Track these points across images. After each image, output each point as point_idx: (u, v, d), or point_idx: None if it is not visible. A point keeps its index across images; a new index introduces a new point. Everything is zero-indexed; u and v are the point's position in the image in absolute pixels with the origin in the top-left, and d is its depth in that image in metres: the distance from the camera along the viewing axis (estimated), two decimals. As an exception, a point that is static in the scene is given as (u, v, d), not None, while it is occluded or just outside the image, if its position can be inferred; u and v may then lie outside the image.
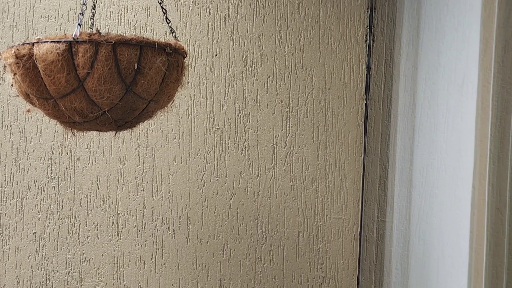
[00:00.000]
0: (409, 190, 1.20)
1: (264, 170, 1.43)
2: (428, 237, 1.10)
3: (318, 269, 1.43)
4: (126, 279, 1.46)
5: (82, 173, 1.47)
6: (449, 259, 0.96)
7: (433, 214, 1.08)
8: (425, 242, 1.11)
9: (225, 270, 1.45)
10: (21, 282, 1.48)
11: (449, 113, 1.02)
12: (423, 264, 1.09)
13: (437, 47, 1.11)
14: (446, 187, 1.01)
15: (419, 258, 1.13)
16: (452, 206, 0.97)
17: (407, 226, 1.21)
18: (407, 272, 1.18)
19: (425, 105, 1.15)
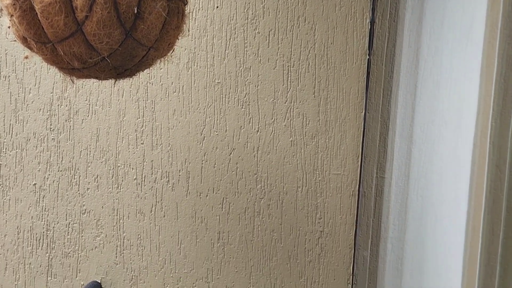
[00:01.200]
0: (409, 146, 1.20)
1: (264, 125, 1.43)
2: (426, 194, 1.11)
3: (316, 224, 1.44)
4: (126, 230, 1.48)
5: (82, 125, 1.47)
6: (446, 216, 0.96)
7: (432, 171, 1.08)
8: (423, 199, 1.12)
9: (224, 223, 1.46)
10: (22, 232, 1.49)
11: (453, 70, 1.01)
12: (421, 220, 1.10)
13: (443, 1, 1.08)
14: (446, 144, 1.01)
15: (417, 214, 1.14)
16: (451, 163, 0.97)
17: (406, 182, 1.22)
18: (404, 227, 1.19)
19: (428, 61, 1.14)
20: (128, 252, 1.48)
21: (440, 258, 0.94)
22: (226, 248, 1.47)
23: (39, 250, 1.49)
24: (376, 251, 1.28)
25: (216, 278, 1.47)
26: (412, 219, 1.16)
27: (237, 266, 1.47)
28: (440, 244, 0.96)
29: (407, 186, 1.21)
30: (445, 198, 0.98)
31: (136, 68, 0.71)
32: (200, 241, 1.47)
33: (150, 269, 1.48)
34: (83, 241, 1.49)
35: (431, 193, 1.08)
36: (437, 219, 1.02)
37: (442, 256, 0.93)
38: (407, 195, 1.19)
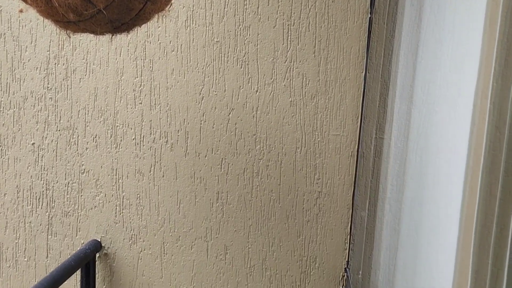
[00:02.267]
0: (409, 107, 1.19)
1: (263, 85, 1.42)
2: (425, 155, 1.10)
3: (314, 184, 1.45)
4: (125, 190, 1.49)
5: (79, 84, 1.45)
6: (444, 176, 0.96)
7: (432, 132, 1.08)
8: (422, 160, 1.12)
9: (222, 183, 1.46)
10: (21, 191, 1.50)
11: (455, 29, 0.99)
12: (419, 181, 1.11)
13: (447, -42, 1.05)
14: (446, 105, 1.00)
15: (415, 175, 1.14)
16: (451, 124, 0.97)
17: (405, 143, 1.21)
18: (402, 188, 1.19)
19: (431, 20, 1.11)
20: (128, 211, 1.49)
21: (437, 218, 0.94)
22: (225, 208, 1.48)
23: (39, 209, 1.50)
24: (374, 211, 1.28)
25: (215, 237, 1.49)
26: (410, 180, 1.16)
27: (235, 225, 1.48)
28: (438, 205, 0.97)
29: (406, 147, 1.20)
30: (444, 159, 0.98)
31: (133, 22, 0.70)
32: (199, 201, 1.48)
33: (149, 228, 1.49)
34: (82, 200, 1.50)
35: (430, 154, 1.08)
36: (435, 180, 1.02)
37: (439, 216, 0.93)
38: (406, 156, 1.19)
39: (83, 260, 1.39)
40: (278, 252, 1.48)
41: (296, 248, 1.48)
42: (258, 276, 1.49)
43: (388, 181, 1.23)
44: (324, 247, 1.47)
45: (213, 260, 1.50)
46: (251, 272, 1.49)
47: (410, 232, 1.07)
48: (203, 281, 1.50)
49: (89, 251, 1.43)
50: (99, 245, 1.49)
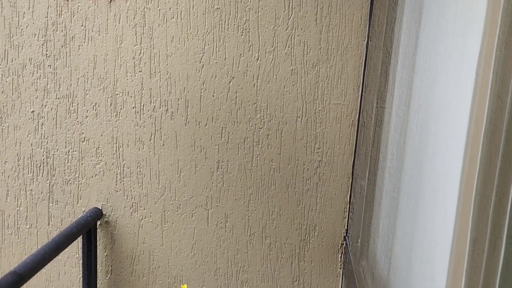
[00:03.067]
0: (411, 76, 1.18)
1: (264, 53, 1.40)
2: (425, 124, 1.10)
3: (315, 153, 1.45)
4: (125, 159, 1.49)
5: (78, 52, 1.44)
6: (444, 145, 0.96)
7: (433, 100, 1.07)
8: (422, 129, 1.11)
9: (223, 152, 1.46)
10: (22, 159, 1.50)
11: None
12: (419, 151, 1.10)
13: None
14: (449, 73, 0.99)
15: (416, 144, 1.13)
16: (453, 92, 0.96)
17: (406, 112, 1.21)
18: (402, 157, 1.19)
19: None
20: (128, 179, 1.50)
21: (436, 187, 0.94)
22: (225, 177, 1.48)
23: (40, 177, 1.51)
24: (373, 180, 1.28)
25: (215, 205, 1.49)
26: (410, 149, 1.16)
27: (236, 194, 1.49)
28: (437, 174, 0.97)
29: (407, 116, 1.20)
30: (445, 128, 0.98)
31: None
32: (199, 169, 1.48)
33: (150, 196, 1.50)
34: (83, 168, 1.50)
35: (430, 123, 1.07)
36: (435, 149, 1.02)
37: (438, 185, 0.93)
38: (407, 125, 1.18)
39: (84, 227, 1.40)
40: (278, 221, 1.49)
41: (295, 216, 1.49)
42: (258, 244, 1.51)
43: (388, 150, 1.23)
44: (324, 215, 1.48)
45: (213, 228, 1.51)
46: (251, 240, 1.51)
47: (410, 201, 1.08)
48: (204, 248, 1.52)
49: (90, 218, 1.44)
50: (100, 213, 1.50)
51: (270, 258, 1.51)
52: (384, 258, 1.13)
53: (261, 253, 1.51)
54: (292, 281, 1.52)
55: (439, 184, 0.94)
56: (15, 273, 1.08)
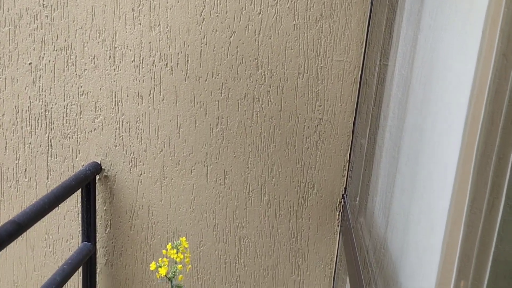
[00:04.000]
0: (416, 33, 1.15)
1: (266, 7, 1.37)
2: (429, 83, 1.08)
3: (315, 111, 1.43)
4: (124, 113, 1.47)
5: (76, 2, 1.40)
6: (447, 104, 0.94)
7: (437, 59, 1.05)
8: (425, 88, 1.09)
9: (223, 108, 1.45)
10: (20, 112, 1.49)
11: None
12: (421, 109, 1.09)
13: None
14: (454, 31, 0.96)
15: (418, 102, 1.12)
16: (458, 51, 0.93)
17: (410, 70, 1.18)
18: (403, 116, 1.18)
19: None
20: (127, 134, 1.49)
21: (437, 147, 0.93)
22: (224, 133, 1.47)
23: (38, 130, 1.50)
24: (373, 139, 1.27)
25: (215, 162, 1.49)
26: (412, 108, 1.14)
27: (235, 151, 1.48)
28: (439, 133, 0.95)
29: (410, 75, 1.17)
30: (448, 87, 0.96)
31: None
32: (199, 125, 1.47)
33: (149, 151, 1.50)
34: (81, 122, 1.49)
35: (434, 82, 1.05)
36: (437, 108, 1.00)
37: (439, 144, 0.92)
38: (410, 83, 1.16)
39: (83, 180, 1.40)
40: (277, 178, 1.49)
41: (295, 174, 1.48)
42: (256, 201, 1.51)
43: (389, 109, 1.21)
44: (323, 173, 1.48)
45: (212, 184, 1.51)
46: (250, 197, 1.51)
47: (409, 160, 1.07)
48: (203, 204, 1.52)
49: (89, 172, 1.44)
50: (99, 167, 1.50)
51: (268, 215, 1.52)
52: (382, 216, 1.13)
53: (259, 210, 1.52)
54: (289, 238, 1.53)
55: (440, 143, 0.93)
56: (14, 222, 1.09)
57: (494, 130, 0.81)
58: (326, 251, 1.54)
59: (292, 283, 1.56)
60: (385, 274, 0.99)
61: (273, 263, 1.55)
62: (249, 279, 1.56)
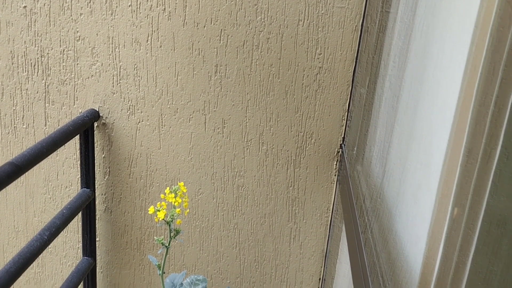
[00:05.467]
0: (420, -21, 1.12)
1: (266, -49, 1.32)
2: (431, 32, 1.05)
3: (315, 59, 1.41)
4: (122, 60, 1.45)
5: None
6: (448, 54, 0.92)
7: (440, 7, 1.02)
8: (428, 37, 1.07)
9: (221, 56, 1.43)
10: (16, 57, 1.47)
11: None
12: (422, 60, 1.07)
13: None
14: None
15: (419, 52, 1.09)
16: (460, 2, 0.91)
17: (412, 18, 1.15)
18: (404, 66, 1.16)
19: None
20: (125, 81, 1.47)
21: (436, 96, 0.92)
22: (223, 81, 1.45)
23: (35, 76, 1.48)
24: (373, 88, 1.25)
25: (213, 110, 1.48)
26: (413, 57, 1.12)
27: (233, 99, 1.47)
28: (438, 83, 0.94)
29: (412, 23, 1.14)
30: (449, 36, 0.93)
31: None
32: (197, 73, 1.45)
33: (147, 99, 1.48)
34: (79, 69, 1.47)
35: (436, 31, 1.03)
36: (438, 57, 0.98)
37: (438, 94, 0.91)
38: (411, 32, 1.14)
39: (81, 126, 1.40)
40: (275, 127, 1.48)
41: (293, 123, 1.48)
42: (254, 150, 1.51)
43: (390, 57, 1.19)
44: (321, 123, 1.47)
45: (210, 133, 1.50)
46: (248, 146, 1.51)
47: (408, 110, 1.06)
48: (201, 153, 1.52)
49: (87, 118, 1.43)
50: (97, 114, 1.49)
51: (266, 164, 1.52)
52: (379, 166, 1.13)
53: (257, 159, 1.52)
54: (287, 187, 1.54)
55: (439, 93, 0.92)
56: (12, 164, 1.09)
57: (493, 80, 0.80)
58: (322, 200, 1.55)
59: (288, 231, 1.58)
60: (381, 222, 1.00)
61: (270, 211, 1.57)
62: (247, 226, 1.58)
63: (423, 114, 0.97)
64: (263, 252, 1.61)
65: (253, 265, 1.63)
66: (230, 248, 1.61)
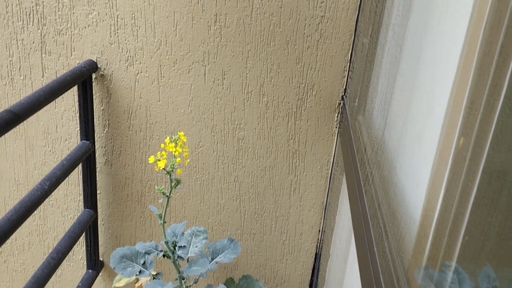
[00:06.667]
0: None
1: None
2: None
3: (317, 8, 1.37)
4: (119, 9, 1.41)
5: None
6: (453, 4, 0.89)
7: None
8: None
9: (221, 5, 1.38)
10: (10, 6, 1.43)
11: None
12: (427, 8, 1.03)
13: None
14: None
15: (424, 0, 1.06)
16: None
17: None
18: (408, 14, 1.12)
19: None
20: (123, 32, 1.44)
21: (440, 46, 0.89)
22: (223, 31, 1.42)
23: (30, 26, 1.45)
24: (376, 38, 1.22)
25: (213, 61, 1.45)
26: (418, 6, 1.09)
27: (233, 50, 1.43)
28: (442, 32, 0.91)
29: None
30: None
31: None
32: (196, 23, 1.41)
33: (145, 50, 1.45)
34: (75, 18, 1.43)
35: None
36: (443, 6, 0.95)
37: (442, 43, 0.88)
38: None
39: (79, 77, 1.38)
40: (276, 79, 1.46)
41: (294, 74, 1.45)
42: (255, 102, 1.49)
43: (394, 5, 1.15)
44: (323, 74, 1.44)
45: (210, 85, 1.48)
46: (248, 98, 1.48)
47: (411, 60, 1.03)
48: (200, 105, 1.50)
49: (85, 69, 1.41)
50: (95, 66, 1.47)
51: (267, 117, 1.50)
52: (380, 117, 1.12)
53: (258, 111, 1.50)
54: (287, 139, 1.53)
55: (443, 43, 0.89)
56: (10, 111, 1.08)
57: (498, 29, 0.77)
58: (323, 153, 1.54)
59: (288, 183, 1.58)
60: (382, 173, 0.99)
61: (271, 164, 1.56)
62: (247, 179, 1.58)
63: (426, 64, 0.94)
64: (263, 205, 1.62)
65: (253, 217, 1.64)
66: (230, 200, 1.62)
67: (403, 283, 0.74)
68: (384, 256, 0.81)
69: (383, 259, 0.81)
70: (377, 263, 0.80)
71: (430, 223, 0.76)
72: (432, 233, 0.74)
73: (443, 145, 0.77)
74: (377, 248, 0.83)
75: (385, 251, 0.82)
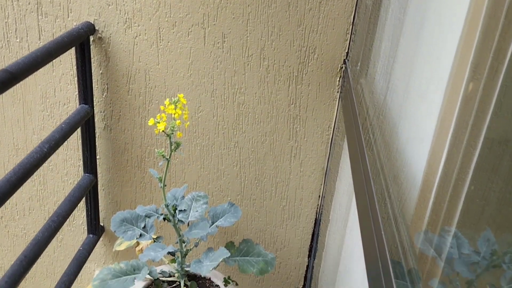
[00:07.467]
0: None
1: None
2: None
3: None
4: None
5: None
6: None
7: None
8: None
9: (220, -35, 1.35)
10: (5, -34, 1.40)
11: None
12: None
13: None
14: None
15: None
16: None
17: None
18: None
19: None
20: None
21: (445, 8, 0.87)
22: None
23: (26, -14, 1.41)
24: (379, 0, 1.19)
25: (212, 24, 1.42)
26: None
27: (234, 12, 1.40)
28: (445, 7, 0.89)
29: None
30: None
31: None
32: (195, -16, 1.38)
33: (144, 12, 1.42)
34: (71, -21, 1.40)
35: None
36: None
37: (447, 5, 0.86)
38: None
39: (76, 39, 1.35)
40: (277, 42, 1.43)
41: (295, 38, 1.42)
42: (255, 66, 1.46)
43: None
44: (325, 37, 1.41)
45: (210, 48, 1.45)
46: (249, 62, 1.46)
47: (415, 23, 1.00)
48: (200, 69, 1.48)
49: (82, 31, 1.38)
50: (92, 28, 1.44)
51: (268, 81, 1.48)
52: (383, 81, 1.10)
53: (258, 75, 1.48)
54: (288, 104, 1.51)
55: (448, 5, 0.87)
56: (6, 71, 1.06)
57: (501, 1, 0.75)
58: (324, 118, 1.52)
59: (289, 149, 1.57)
60: (384, 137, 0.98)
61: (271, 129, 1.55)
62: (247, 145, 1.57)
63: (430, 26, 0.92)
64: (263, 170, 1.61)
65: (253, 183, 1.63)
66: (230, 166, 1.61)
67: (407, 244, 0.74)
68: (387, 218, 0.81)
69: (386, 222, 0.81)
70: (380, 226, 0.80)
71: (430, 189, 0.75)
72: (432, 201, 0.73)
73: (445, 109, 0.75)
74: (380, 211, 0.83)
75: (388, 213, 0.82)
